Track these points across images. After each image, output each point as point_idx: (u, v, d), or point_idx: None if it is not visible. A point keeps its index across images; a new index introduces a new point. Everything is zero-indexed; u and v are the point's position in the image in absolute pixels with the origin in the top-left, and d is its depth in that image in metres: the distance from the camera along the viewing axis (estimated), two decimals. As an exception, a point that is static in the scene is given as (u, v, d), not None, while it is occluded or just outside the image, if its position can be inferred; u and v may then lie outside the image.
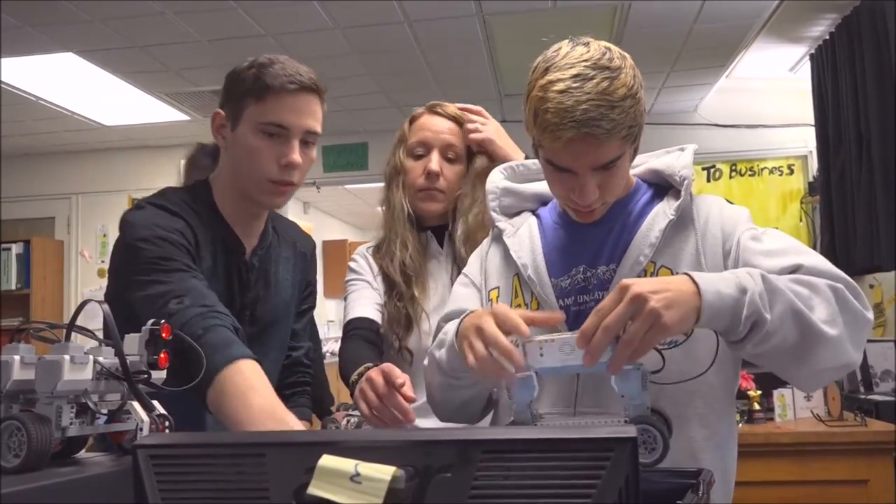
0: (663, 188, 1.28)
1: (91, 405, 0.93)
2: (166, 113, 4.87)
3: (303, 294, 1.63)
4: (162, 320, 0.99)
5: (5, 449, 0.86)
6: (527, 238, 1.31)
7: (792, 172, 4.93)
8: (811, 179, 4.74)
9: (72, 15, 3.39)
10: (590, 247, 1.25)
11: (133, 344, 0.97)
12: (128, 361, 0.94)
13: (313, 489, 0.64)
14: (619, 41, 3.78)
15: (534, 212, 1.37)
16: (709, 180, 5.00)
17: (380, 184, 1.81)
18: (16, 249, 5.35)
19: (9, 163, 5.55)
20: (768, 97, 4.83)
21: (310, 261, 1.66)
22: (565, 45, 1.15)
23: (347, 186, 6.74)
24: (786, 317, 1.00)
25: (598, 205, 1.19)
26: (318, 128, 1.41)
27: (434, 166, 1.68)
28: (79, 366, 0.90)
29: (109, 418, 0.96)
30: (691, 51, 4.09)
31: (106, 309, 0.96)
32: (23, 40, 3.63)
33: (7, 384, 0.90)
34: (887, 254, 3.32)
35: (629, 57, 1.16)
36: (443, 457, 0.64)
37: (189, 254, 1.32)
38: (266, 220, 1.52)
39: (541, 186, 1.36)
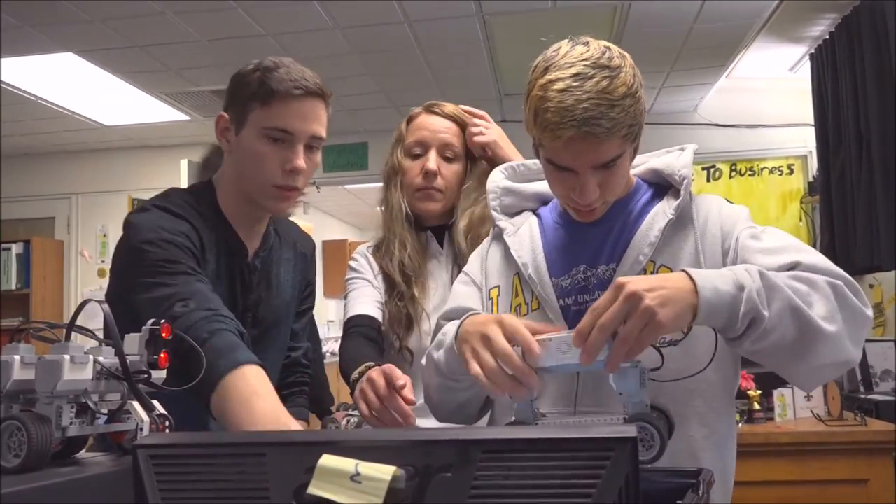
0: (663, 188, 1.29)
1: (91, 405, 0.93)
2: (166, 113, 4.87)
3: (303, 294, 1.63)
4: (162, 320, 0.99)
5: (5, 449, 0.86)
6: (527, 237, 1.31)
7: (792, 172, 4.93)
8: (811, 179, 4.73)
9: (72, 15, 3.39)
10: (590, 246, 1.25)
11: (133, 344, 0.97)
12: (128, 361, 0.94)
13: (313, 489, 0.64)
14: (619, 41, 3.77)
15: (534, 211, 1.37)
16: (709, 180, 5.00)
17: (380, 184, 1.81)
18: (16, 249, 5.35)
19: (9, 163, 5.55)
20: (768, 97, 4.83)
21: (310, 261, 1.66)
22: (565, 45, 1.15)
23: (347, 186, 6.74)
24: (784, 313, 1.00)
25: (599, 204, 1.19)
26: (323, 133, 1.40)
27: (432, 165, 1.67)
28: (79, 366, 0.90)
29: (109, 418, 0.96)
30: (691, 51, 4.09)
31: (106, 309, 0.96)
32: (23, 40, 3.63)
33: (7, 384, 0.90)
34: (887, 254, 3.32)
35: (629, 56, 1.16)
36: (443, 456, 0.64)
37: (194, 257, 1.32)
38: (268, 222, 1.51)
39: (541, 186, 1.36)
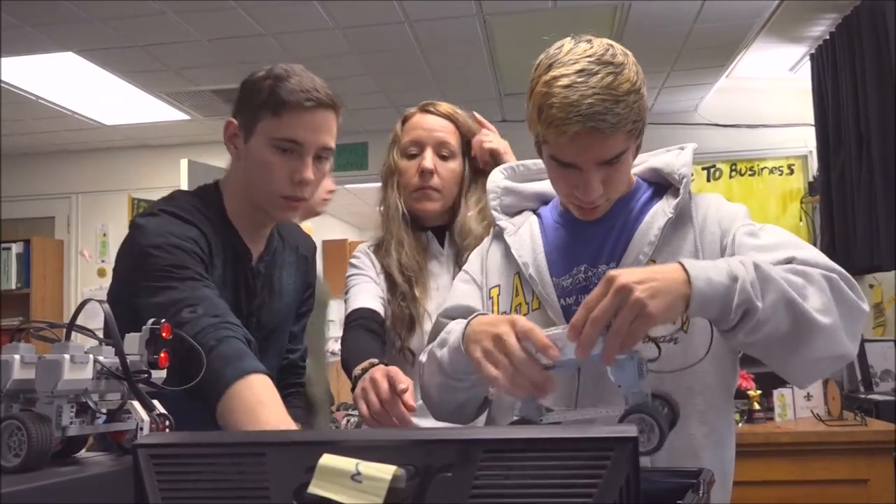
0: (663, 187, 1.29)
1: (91, 405, 0.93)
2: (166, 112, 4.87)
3: (303, 297, 1.63)
4: (162, 320, 0.99)
5: (5, 448, 0.86)
6: (528, 237, 1.31)
7: (792, 172, 4.93)
8: (811, 179, 4.73)
9: (72, 15, 3.38)
10: (591, 246, 1.25)
11: (133, 343, 0.97)
12: (128, 361, 0.94)
13: (314, 488, 0.64)
14: (619, 41, 3.72)
15: (535, 211, 1.37)
16: (709, 180, 5.00)
17: (380, 183, 1.81)
18: (16, 249, 5.35)
19: (9, 162, 5.55)
20: (768, 97, 4.83)
21: (311, 263, 1.65)
22: (568, 43, 1.16)
23: (347, 186, 6.72)
24: (778, 305, 1.00)
25: (602, 201, 1.19)
26: (333, 143, 1.38)
27: (428, 163, 1.67)
28: (79, 365, 0.90)
29: (109, 418, 0.96)
30: (691, 51, 4.09)
31: (106, 308, 0.96)
32: (23, 40, 3.63)
33: (7, 384, 0.89)
34: (887, 254, 3.32)
35: (631, 54, 1.17)
36: (443, 456, 0.64)
37: (202, 262, 1.31)
38: (272, 226, 1.51)
39: (542, 186, 1.36)
